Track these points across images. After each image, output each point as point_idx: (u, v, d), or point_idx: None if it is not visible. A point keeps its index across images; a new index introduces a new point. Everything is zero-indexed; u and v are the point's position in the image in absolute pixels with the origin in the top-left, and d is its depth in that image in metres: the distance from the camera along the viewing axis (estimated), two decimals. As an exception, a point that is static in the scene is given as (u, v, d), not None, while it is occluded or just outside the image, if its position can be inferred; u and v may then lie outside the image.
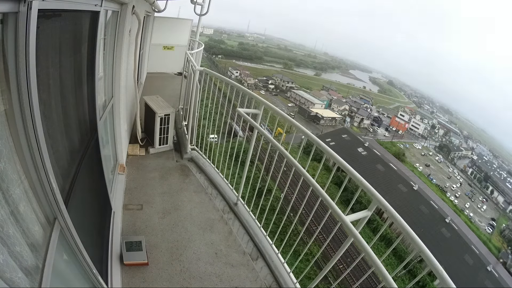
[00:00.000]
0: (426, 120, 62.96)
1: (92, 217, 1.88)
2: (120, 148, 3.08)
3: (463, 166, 47.93)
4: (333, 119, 48.22)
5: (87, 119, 1.78)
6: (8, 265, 0.74)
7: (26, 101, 0.81)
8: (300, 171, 1.85)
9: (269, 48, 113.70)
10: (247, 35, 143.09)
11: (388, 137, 49.29)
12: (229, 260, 2.33)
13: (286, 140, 19.91)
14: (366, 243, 1.31)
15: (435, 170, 41.98)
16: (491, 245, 28.24)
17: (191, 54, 4.08)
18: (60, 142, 1.30)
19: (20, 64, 0.77)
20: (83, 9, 1.42)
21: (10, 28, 0.74)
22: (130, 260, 2.06)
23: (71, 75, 1.42)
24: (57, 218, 1.06)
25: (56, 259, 1.01)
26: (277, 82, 63.07)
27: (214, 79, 3.28)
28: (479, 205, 36.97)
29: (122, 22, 2.47)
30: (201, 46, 5.81)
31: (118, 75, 2.64)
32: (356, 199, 1.53)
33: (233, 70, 63.43)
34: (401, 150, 42.45)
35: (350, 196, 17.79)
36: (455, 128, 69.14)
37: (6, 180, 0.79)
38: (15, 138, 0.84)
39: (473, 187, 42.00)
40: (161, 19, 7.25)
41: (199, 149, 3.74)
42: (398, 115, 59.97)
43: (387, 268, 1.26)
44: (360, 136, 37.88)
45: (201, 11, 6.09)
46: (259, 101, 2.39)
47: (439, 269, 1.07)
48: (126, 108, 3.23)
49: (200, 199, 2.99)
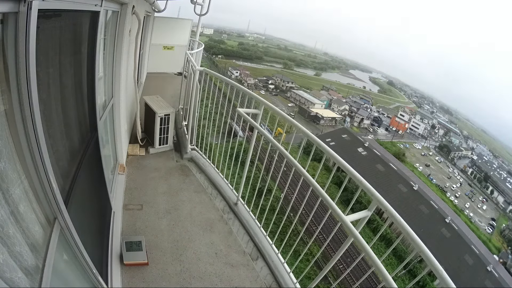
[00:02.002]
0: (426, 120, 62.93)
1: (92, 217, 1.88)
2: (120, 148, 3.08)
3: (463, 166, 47.92)
4: (333, 119, 48.20)
5: (87, 119, 1.78)
6: (8, 265, 0.74)
7: (26, 101, 0.81)
8: (300, 171, 1.85)
9: (269, 48, 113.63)
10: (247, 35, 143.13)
11: (388, 137, 49.28)
12: (229, 260, 2.33)
13: (286, 140, 19.92)
14: (366, 243, 1.31)
15: (435, 170, 41.96)
16: (491, 245, 28.23)
17: (191, 54, 4.09)
18: (60, 142, 1.30)
19: (20, 64, 0.77)
20: (83, 9, 1.42)
21: (10, 28, 0.74)
22: (130, 260, 2.06)
23: (71, 75, 1.42)
24: (57, 218, 1.06)
25: (56, 259, 1.01)
26: (277, 82, 63.04)
27: (214, 79, 3.28)
28: (479, 205, 36.95)
29: (122, 22, 2.47)
30: (201, 46, 5.82)
31: (118, 75, 2.64)
32: (356, 199, 1.53)
33: (233, 70, 63.41)
34: (401, 150, 42.44)
35: (350, 196, 17.77)
36: (455, 128, 69.15)
37: (6, 180, 0.79)
38: (15, 138, 0.84)
39: (473, 187, 41.98)
40: (161, 19, 7.25)
41: (199, 149, 3.74)
42: (398, 115, 59.94)
43: (387, 268, 1.26)
44: (360, 136, 37.87)
45: (201, 11, 6.10)
46: (259, 101, 2.39)
47: (439, 269, 1.07)
48: (126, 108, 3.23)
49: (200, 199, 2.99)
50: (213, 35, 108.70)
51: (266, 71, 73.02)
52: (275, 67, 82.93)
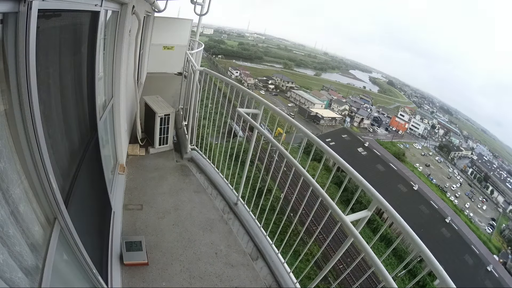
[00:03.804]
0: (426, 120, 62.90)
1: (92, 217, 1.88)
2: (120, 148, 3.08)
3: (463, 166, 47.89)
4: (333, 119, 48.22)
5: (87, 119, 1.78)
6: (8, 265, 0.74)
7: (26, 101, 0.81)
8: (300, 171, 1.85)
9: (269, 48, 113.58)
10: (247, 35, 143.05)
11: (388, 137, 49.27)
12: (229, 260, 2.33)
13: (286, 140, 19.92)
14: (366, 243, 1.31)
15: (435, 170, 41.96)
16: (491, 245, 28.22)
17: (191, 54, 4.08)
18: (60, 142, 1.30)
19: (20, 64, 0.77)
20: (83, 9, 1.42)
21: (10, 28, 0.74)
22: (130, 260, 2.06)
23: (71, 75, 1.42)
24: (57, 218, 1.06)
25: (56, 259, 1.01)
26: (277, 82, 63.05)
27: (214, 79, 3.28)
28: (479, 205, 36.94)
29: (122, 22, 2.47)
30: (201, 46, 5.82)
31: (118, 75, 2.64)
32: (356, 199, 1.53)
33: (233, 70, 63.43)
34: (401, 150, 42.43)
35: (350, 196, 17.79)
36: (455, 128, 69.13)
37: (6, 180, 0.79)
38: (15, 138, 0.84)
39: (473, 187, 41.95)
40: (161, 19, 7.24)
41: (199, 149, 3.74)
42: (398, 115, 59.94)
43: (387, 268, 1.26)
44: (360, 136, 37.86)
45: (201, 11, 6.09)
46: (259, 101, 2.39)
47: (439, 269, 1.07)
48: (126, 108, 3.23)
49: (200, 199, 2.99)
50: (213, 35, 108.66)
51: (266, 71, 73.03)
52: (275, 67, 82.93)
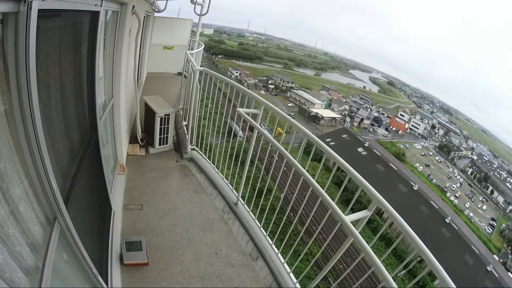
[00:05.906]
0: (426, 120, 62.88)
1: (92, 217, 1.88)
2: (120, 148, 3.08)
3: (463, 166, 47.87)
4: (333, 119, 48.19)
5: (87, 119, 1.78)
6: (8, 265, 0.74)
7: (26, 101, 0.81)
8: (300, 171, 1.85)
9: (269, 48, 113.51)
10: (247, 35, 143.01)
11: (388, 137, 49.27)
12: (229, 260, 2.33)
13: (286, 140, 19.92)
14: (366, 243, 1.31)
15: (435, 170, 41.95)
16: (491, 245, 28.22)
17: (191, 54, 4.08)
18: (60, 142, 1.30)
19: (20, 64, 0.77)
20: (83, 9, 1.42)
21: (10, 28, 0.74)
22: (130, 260, 2.06)
23: (71, 75, 1.42)
24: (57, 218, 1.06)
25: (56, 259, 1.01)
26: (277, 82, 63.02)
27: (214, 79, 3.28)
28: (479, 205, 36.91)
29: (122, 22, 2.47)
30: (201, 46, 5.82)
31: (118, 75, 2.64)
32: (356, 199, 1.53)
33: (233, 70, 63.40)
34: (401, 150, 42.41)
35: (350, 196, 17.79)
36: (455, 128, 69.10)
37: (6, 180, 0.79)
38: (15, 138, 0.84)
39: (473, 187, 41.93)
40: (161, 19, 7.25)
41: (199, 149, 3.74)
42: (398, 115, 59.91)
43: (387, 268, 1.26)
44: (360, 136, 37.87)
45: (201, 11, 6.10)
46: (259, 101, 2.39)
47: (439, 269, 1.07)
48: (126, 108, 3.23)
49: (200, 199, 2.99)
50: (213, 35, 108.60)
51: (266, 71, 72.99)
52: (275, 67, 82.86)
